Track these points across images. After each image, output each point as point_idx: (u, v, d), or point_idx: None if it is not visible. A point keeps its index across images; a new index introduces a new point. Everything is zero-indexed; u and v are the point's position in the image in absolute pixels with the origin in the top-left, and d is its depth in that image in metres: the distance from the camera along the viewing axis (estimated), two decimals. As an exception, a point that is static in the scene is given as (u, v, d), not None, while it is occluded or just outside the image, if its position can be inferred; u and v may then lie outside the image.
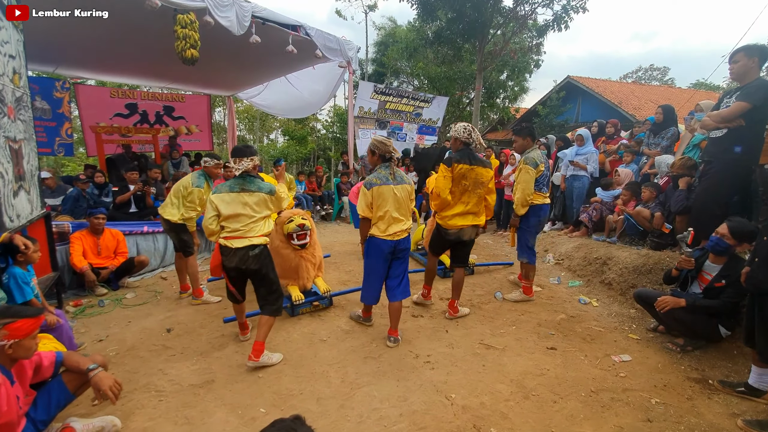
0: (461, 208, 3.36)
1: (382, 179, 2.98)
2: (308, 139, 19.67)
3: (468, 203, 3.35)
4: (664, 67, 32.11)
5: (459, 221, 3.38)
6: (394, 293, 3.15)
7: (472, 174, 3.27)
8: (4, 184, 2.66)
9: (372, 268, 3.13)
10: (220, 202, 2.70)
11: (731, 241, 2.80)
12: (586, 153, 5.78)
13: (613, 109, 13.52)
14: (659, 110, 5.21)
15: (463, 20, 11.51)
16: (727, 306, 2.79)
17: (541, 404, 2.44)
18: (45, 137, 7.98)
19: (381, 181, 2.97)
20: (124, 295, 4.26)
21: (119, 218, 5.32)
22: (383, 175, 3.00)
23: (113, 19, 5.15)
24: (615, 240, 4.82)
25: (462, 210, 3.36)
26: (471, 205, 3.35)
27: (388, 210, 2.98)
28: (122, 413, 2.31)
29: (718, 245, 2.85)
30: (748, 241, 2.77)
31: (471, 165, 3.25)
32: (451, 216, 3.37)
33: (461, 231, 3.41)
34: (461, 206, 3.35)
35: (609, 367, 2.86)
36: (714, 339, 2.97)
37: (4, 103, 2.73)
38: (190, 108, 9.97)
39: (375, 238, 3.03)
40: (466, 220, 3.38)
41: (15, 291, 2.62)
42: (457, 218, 3.37)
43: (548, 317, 3.70)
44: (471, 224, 3.41)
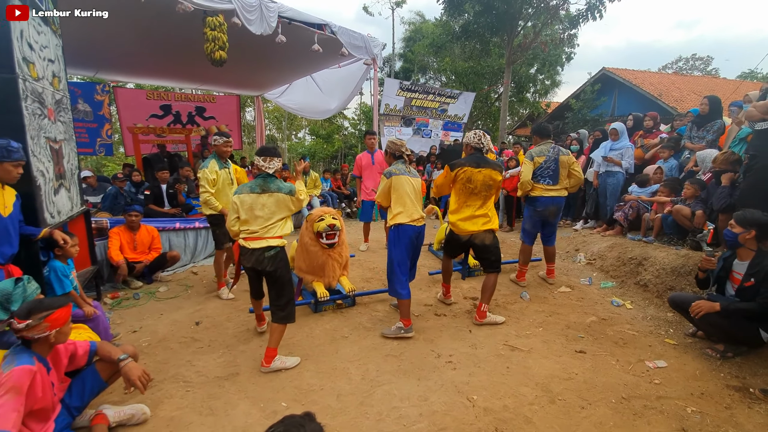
0: (468, 212, 3.36)
1: (400, 170, 3.28)
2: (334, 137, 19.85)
3: (473, 206, 3.35)
4: (708, 56, 30.19)
5: (469, 226, 3.37)
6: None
7: (480, 176, 3.28)
8: (45, 182, 2.82)
9: (401, 258, 3.20)
10: (241, 203, 2.72)
11: (737, 229, 2.69)
12: (620, 148, 5.51)
13: (653, 102, 12.84)
14: (705, 101, 4.88)
15: (491, 13, 11.24)
16: (764, 307, 2.58)
17: (568, 410, 2.35)
18: (87, 138, 8.46)
19: (399, 171, 3.27)
20: (158, 289, 4.44)
21: (154, 215, 5.55)
22: (401, 167, 3.31)
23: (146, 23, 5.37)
24: (652, 239, 4.57)
25: (469, 214, 3.36)
26: (477, 209, 3.35)
27: (410, 196, 3.22)
28: (151, 402, 2.40)
29: (726, 236, 2.75)
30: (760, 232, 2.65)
31: (478, 168, 3.29)
32: (460, 220, 3.39)
33: (473, 236, 3.39)
34: (468, 210, 3.36)
35: (642, 373, 2.72)
36: (755, 344, 2.76)
37: (45, 105, 2.89)
38: (220, 108, 10.29)
39: (402, 225, 3.17)
40: (475, 225, 3.35)
41: (55, 283, 2.78)
42: (467, 223, 3.37)
43: (578, 319, 3.55)
44: (482, 229, 3.35)
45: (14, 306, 1.95)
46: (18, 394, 1.65)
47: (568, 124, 14.62)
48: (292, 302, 2.81)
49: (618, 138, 5.53)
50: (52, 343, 1.85)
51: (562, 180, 4.02)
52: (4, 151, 2.33)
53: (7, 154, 2.34)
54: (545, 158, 3.97)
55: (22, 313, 1.77)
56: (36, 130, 2.73)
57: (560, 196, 4.05)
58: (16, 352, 1.76)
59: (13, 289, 1.97)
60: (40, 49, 2.88)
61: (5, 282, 2.01)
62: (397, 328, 3.20)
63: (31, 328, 1.75)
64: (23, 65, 2.58)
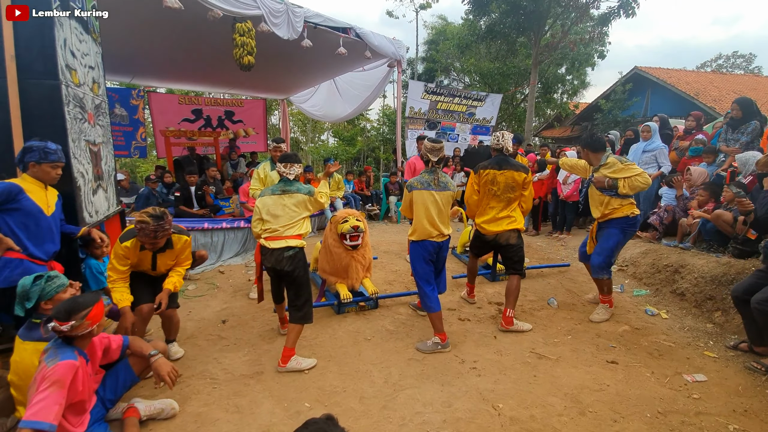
0: (491, 214, 3.37)
1: (423, 184, 3.04)
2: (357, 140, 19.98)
3: (496, 208, 3.35)
4: (750, 54, 28.59)
5: (493, 227, 3.37)
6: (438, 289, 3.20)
7: (502, 178, 3.28)
8: (84, 183, 2.95)
9: (422, 271, 3.10)
10: (263, 205, 2.82)
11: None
12: (653, 150, 5.28)
13: (689, 102, 12.26)
14: (735, 106, 4.66)
15: (518, 12, 11.05)
16: None
17: (599, 422, 2.25)
18: (123, 141, 8.84)
19: (422, 185, 3.04)
20: (186, 287, 4.56)
21: (183, 215, 5.73)
22: (425, 180, 3.06)
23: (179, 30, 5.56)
24: (689, 246, 4.35)
25: (492, 216, 3.36)
26: (499, 211, 3.35)
27: (428, 213, 3.01)
28: (180, 397, 2.46)
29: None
30: None
31: (501, 170, 3.28)
32: (484, 222, 3.41)
33: (497, 236, 3.38)
34: (491, 212, 3.37)
35: (680, 387, 2.58)
36: None
37: (85, 109, 3.03)
38: (247, 112, 10.55)
39: (422, 241, 3.05)
40: (499, 226, 3.35)
41: (90, 280, 2.90)
42: (491, 225, 3.38)
43: (609, 328, 3.41)
44: (506, 229, 3.34)
45: (29, 303, 2.00)
46: (61, 388, 1.72)
47: (597, 125, 14.16)
48: (309, 303, 2.84)
49: (650, 137, 5.30)
50: (89, 337, 1.92)
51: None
52: (42, 153, 2.42)
53: (45, 155, 2.43)
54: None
55: (61, 315, 1.80)
56: (77, 133, 2.86)
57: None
58: (58, 345, 1.84)
59: (31, 286, 2.01)
60: (81, 57, 3.02)
61: (26, 278, 2.06)
62: (433, 344, 3.06)
63: (76, 328, 1.82)
64: (66, 72, 2.71)
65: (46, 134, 2.54)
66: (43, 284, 2.04)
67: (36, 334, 2.01)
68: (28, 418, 1.61)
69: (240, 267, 5.31)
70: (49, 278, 2.09)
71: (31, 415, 1.62)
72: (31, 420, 1.61)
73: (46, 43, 2.56)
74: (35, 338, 2.01)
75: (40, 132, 2.53)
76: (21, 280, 2.07)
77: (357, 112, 10.15)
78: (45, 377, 1.70)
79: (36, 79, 2.56)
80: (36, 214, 2.42)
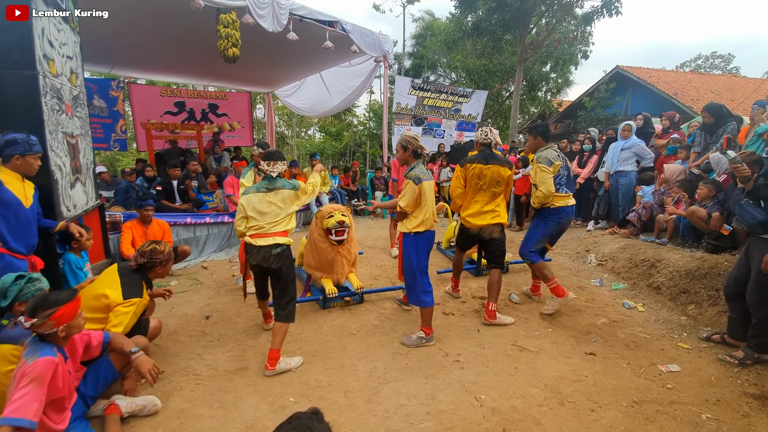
0: (476, 208, 3.41)
1: (426, 175, 3.02)
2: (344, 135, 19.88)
3: (481, 202, 3.40)
4: (729, 54, 29.48)
5: (477, 221, 3.42)
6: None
7: (489, 172, 3.33)
8: (62, 176, 2.88)
9: (423, 264, 3.10)
10: (248, 203, 2.76)
11: None
12: (631, 146, 5.43)
13: (667, 101, 12.58)
14: (705, 113, 4.81)
15: (504, 9, 11.12)
16: None
17: (577, 412, 2.32)
18: (102, 134, 8.59)
19: (426, 176, 3.02)
20: (169, 282, 4.49)
21: (165, 210, 5.63)
22: (425, 170, 3.04)
23: (161, 20, 5.42)
24: (665, 241, 4.49)
25: (477, 209, 3.41)
26: (484, 204, 3.40)
27: (432, 202, 3.07)
28: (162, 394, 2.43)
29: None
30: None
31: (487, 164, 3.34)
32: (469, 216, 3.45)
33: (481, 230, 3.44)
34: (476, 205, 3.41)
35: (655, 377, 2.67)
36: None
37: (62, 101, 2.94)
38: (232, 105, 10.37)
39: (425, 232, 3.05)
40: (484, 220, 3.40)
41: (69, 275, 2.84)
42: (476, 218, 3.42)
43: (588, 321, 3.51)
44: (491, 223, 3.40)
45: (4, 302, 1.96)
46: (41, 384, 1.68)
47: (580, 123, 14.42)
48: (293, 302, 2.80)
49: (630, 135, 5.45)
50: (63, 337, 1.85)
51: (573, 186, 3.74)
52: (27, 145, 2.39)
53: (29, 147, 2.41)
54: (562, 163, 3.57)
55: (28, 311, 1.76)
56: (54, 125, 2.78)
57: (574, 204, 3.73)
58: (37, 342, 1.79)
59: (11, 285, 1.97)
60: (59, 46, 2.93)
61: (8, 276, 2.02)
62: (418, 338, 3.09)
63: (38, 326, 1.75)
64: (44, 62, 2.63)
65: (22, 126, 2.47)
66: (22, 284, 2.00)
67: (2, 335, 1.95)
68: (7, 414, 1.58)
69: (224, 262, 5.25)
70: (30, 280, 2.06)
71: (11, 411, 1.59)
72: (10, 417, 1.58)
73: (24, 32, 2.48)
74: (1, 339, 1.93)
75: (17, 123, 2.46)
76: (3, 277, 2.03)
77: (343, 107, 10.09)
78: (25, 374, 1.67)
79: (13, 69, 2.49)
80: (15, 206, 2.36)
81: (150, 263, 2.61)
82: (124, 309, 2.40)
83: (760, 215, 2.63)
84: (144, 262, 2.59)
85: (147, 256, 2.59)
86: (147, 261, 2.59)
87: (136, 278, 2.57)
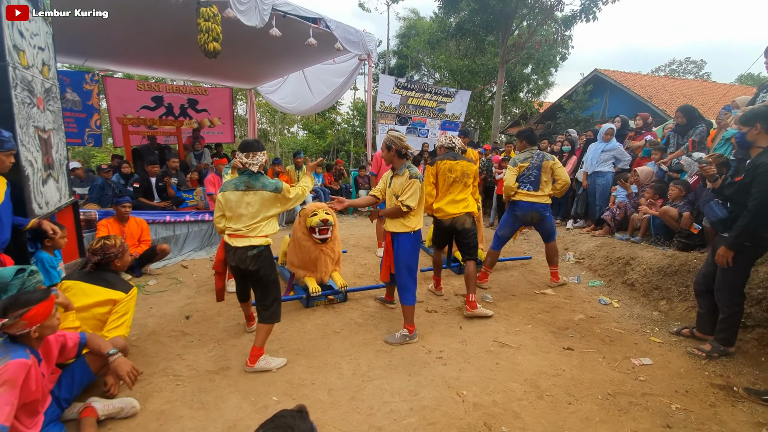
0: (449, 197, 3.64)
1: (420, 174, 3.09)
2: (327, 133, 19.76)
3: (454, 192, 3.64)
4: (701, 60, 30.73)
5: (450, 209, 3.62)
6: None
7: (458, 167, 3.62)
8: (33, 172, 2.77)
9: (416, 262, 3.13)
10: (225, 201, 2.62)
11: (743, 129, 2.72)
12: (612, 149, 5.61)
13: (643, 104, 13.00)
14: (678, 114, 5.01)
15: (486, 11, 11.27)
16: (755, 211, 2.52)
17: (555, 405, 2.39)
18: (75, 128, 8.30)
19: (421, 176, 3.10)
20: (147, 282, 4.39)
21: (144, 208, 5.49)
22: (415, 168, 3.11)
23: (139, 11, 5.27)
24: (639, 239, 4.65)
25: (450, 199, 3.63)
26: (457, 194, 3.64)
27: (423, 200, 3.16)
28: (141, 395, 2.38)
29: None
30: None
31: (456, 160, 3.65)
32: (443, 205, 3.64)
33: (454, 219, 3.63)
34: (449, 195, 3.64)
35: (628, 370, 2.78)
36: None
37: (34, 93, 2.83)
38: (212, 101, 10.16)
39: (418, 229, 3.12)
40: (457, 208, 3.62)
41: (42, 274, 2.73)
42: (449, 206, 3.62)
43: (566, 317, 3.61)
44: (463, 212, 3.63)
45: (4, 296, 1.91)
46: (13, 387, 1.62)
47: (560, 124, 14.75)
48: (277, 302, 2.71)
49: (611, 139, 5.63)
50: (36, 338, 1.79)
51: (543, 187, 4.02)
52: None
53: (1, 144, 2.33)
54: (529, 164, 4.04)
55: (0, 310, 1.71)
56: (25, 119, 2.68)
57: (541, 202, 4.04)
58: (8, 344, 1.73)
59: (12, 279, 1.90)
60: (30, 37, 2.81)
61: (8, 269, 1.95)
62: (401, 336, 3.10)
63: (9, 327, 1.69)
64: (13, 53, 2.53)
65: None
66: (24, 278, 1.94)
67: None
68: None
69: (205, 261, 5.16)
70: (32, 272, 2.01)
71: None
72: None
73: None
74: None
75: (-16, 117, 2.36)
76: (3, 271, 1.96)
77: (326, 105, 10.02)
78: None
79: (-21, 60, 2.38)
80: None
81: (105, 259, 2.54)
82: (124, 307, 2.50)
83: (721, 213, 2.76)
84: (99, 260, 2.52)
85: (99, 253, 2.52)
86: (101, 258, 2.52)
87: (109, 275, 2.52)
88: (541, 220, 4.13)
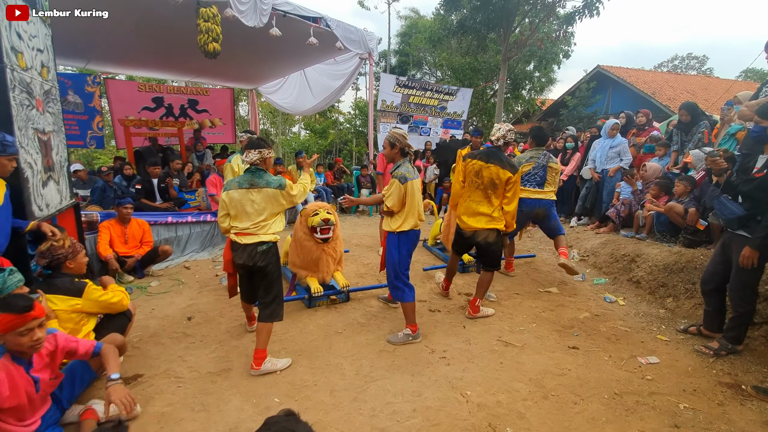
0: (470, 206, 3.33)
1: (412, 173, 2.96)
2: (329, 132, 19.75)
3: (475, 201, 3.31)
4: (703, 56, 30.49)
5: (471, 222, 3.32)
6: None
7: (487, 172, 3.22)
8: (33, 174, 2.76)
9: (407, 261, 3.09)
10: (230, 200, 2.62)
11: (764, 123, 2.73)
12: (618, 145, 5.56)
13: (646, 100, 12.91)
14: (683, 111, 4.95)
15: (488, 8, 11.21)
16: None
17: (561, 405, 2.36)
18: (78, 130, 8.32)
19: (412, 175, 2.96)
20: (149, 284, 4.39)
21: (146, 209, 5.48)
22: (411, 169, 2.98)
23: (139, 13, 5.26)
24: (644, 236, 4.60)
25: (472, 209, 3.32)
26: (478, 204, 3.29)
27: (419, 202, 3.02)
28: (142, 398, 2.37)
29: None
30: None
31: (487, 163, 3.23)
32: (463, 214, 3.40)
33: (475, 233, 3.34)
34: (470, 203, 3.33)
35: (635, 369, 2.73)
36: None
37: (33, 95, 2.82)
38: (213, 101, 10.17)
39: (410, 231, 3.01)
40: (479, 222, 3.29)
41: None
42: (469, 219, 3.34)
43: (571, 315, 3.57)
44: (484, 227, 3.28)
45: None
46: None
47: (562, 121, 14.67)
48: (279, 300, 2.71)
49: (616, 134, 5.59)
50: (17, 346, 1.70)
51: (549, 185, 4.10)
52: (1, 146, 2.30)
53: (3, 148, 2.31)
54: (534, 165, 4.04)
55: None
56: (24, 121, 2.66)
57: (547, 199, 4.08)
58: None
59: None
60: (29, 39, 2.80)
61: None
62: (404, 336, 3.07)
63: None
64: (11, 55, 2.51)
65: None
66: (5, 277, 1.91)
67: None
68: None
69: (207, 262, 5.15)
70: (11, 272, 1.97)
71: None
72: None
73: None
74: None
75: (-18, 119, 2.35)
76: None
77: (326, 105, 10.00)
78: None
79: (-23, 61, 2.36)
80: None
81: (54, 261, 2.48)
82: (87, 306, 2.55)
83: (738, 211, 2.69)
84: (48, 263, 2.45)
85: (48, 256, 2.46)
86: (50, 260, 2.46)
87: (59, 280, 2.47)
88: (547, 216, 4.12)
